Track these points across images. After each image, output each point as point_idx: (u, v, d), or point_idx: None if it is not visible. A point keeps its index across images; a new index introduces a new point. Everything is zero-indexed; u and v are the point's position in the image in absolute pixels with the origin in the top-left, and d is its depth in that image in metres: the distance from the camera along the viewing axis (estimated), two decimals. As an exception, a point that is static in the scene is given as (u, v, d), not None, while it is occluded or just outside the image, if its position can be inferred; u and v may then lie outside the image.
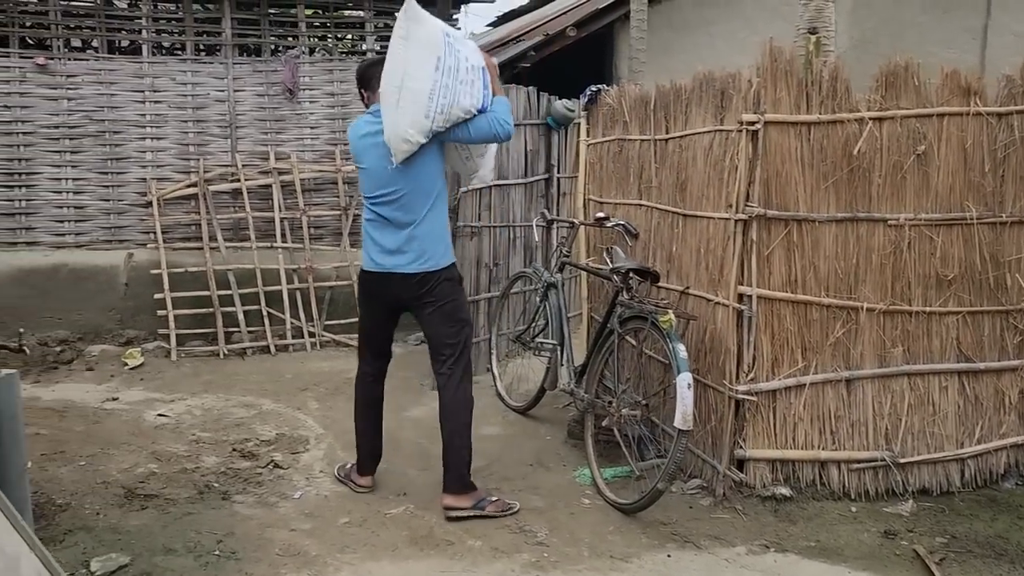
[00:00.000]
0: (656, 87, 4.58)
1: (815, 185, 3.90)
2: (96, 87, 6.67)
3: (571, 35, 7.03)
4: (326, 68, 7.09)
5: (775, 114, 3.79)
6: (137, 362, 6.19)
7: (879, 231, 4.00)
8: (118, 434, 4.80)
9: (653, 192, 4.60)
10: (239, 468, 4.38)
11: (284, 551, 3.50)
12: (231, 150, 6.89)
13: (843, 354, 4.03)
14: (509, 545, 3.58)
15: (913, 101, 3.98)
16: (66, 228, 6.72)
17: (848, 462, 4.02)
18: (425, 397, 5.62)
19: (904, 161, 3.97)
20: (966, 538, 3.69)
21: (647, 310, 3.91)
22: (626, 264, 4.15)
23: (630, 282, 4.17)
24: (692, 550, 3.57)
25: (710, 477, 4.08)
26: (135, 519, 3.78)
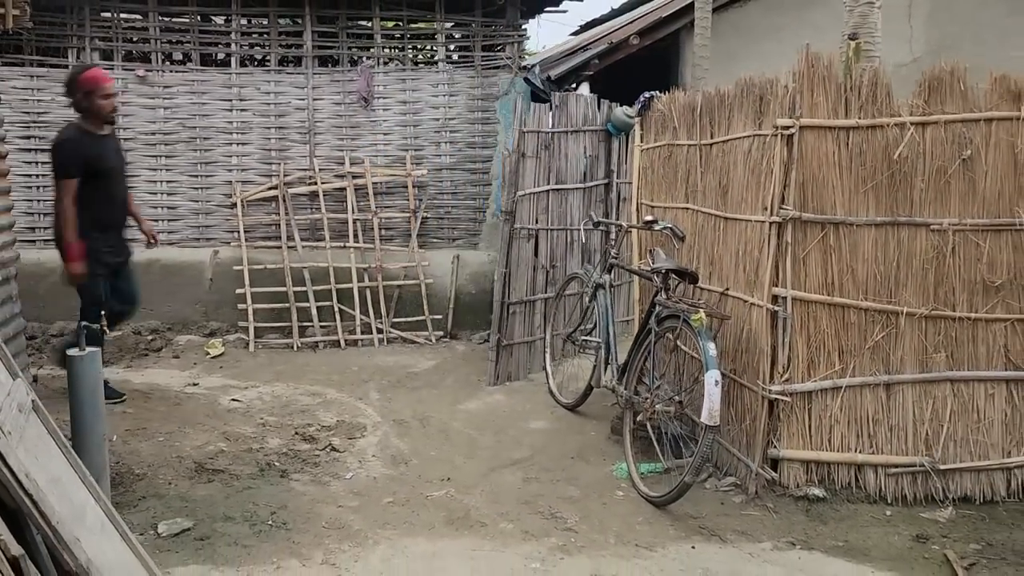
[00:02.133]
0: (702, 93, 4.69)
1: (853, 189, 3.94)
2: (189, 96, 7.19)
3: (634, 43, 7.15)
4: (399, 78, 7.43)
5: (811, 119, 3.85)
6: (218, 352, 6.65)
7: (921, 236, 4.00)
8: (195, 415, 5.20)
9: (698, 196, 4.70)
10: (299, 450, 4.69)
11: (330, 524, 3.77)
12: (309, 155, 7.30)
13: (882, 358, 4.04)
14: (539, 529, 3.76)
15: (959, 106, 3.97)
16: (160, 227, 7.21)
17: (885, 466, 4.02)
18: (481, 392, 5.86)
19: (948, 166, 3.96)
20: (1002, 546, 3.65)
21: (681, 309, 4.03)
22: (665, 265, 4.27)
23: (669, 282, 4.29)
24: (717, 543, 3.66)
25: (743, 475, 4.15)
26: (202, 490, 4.13)
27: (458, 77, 7.46)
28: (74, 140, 4.88)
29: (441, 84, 7.44)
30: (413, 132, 7.44)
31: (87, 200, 4.86)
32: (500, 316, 5.94)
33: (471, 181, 7.55)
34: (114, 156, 5.13)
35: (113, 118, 5.10)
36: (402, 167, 7.36)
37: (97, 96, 4.87)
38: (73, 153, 4.84)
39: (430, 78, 7.46)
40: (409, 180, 7.34)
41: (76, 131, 4.94)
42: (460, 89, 7.45)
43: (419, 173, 7.37)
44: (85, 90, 4.88)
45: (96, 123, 4.96)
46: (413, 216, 7.34)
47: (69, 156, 4.84)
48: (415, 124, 7.44)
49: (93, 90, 4.88)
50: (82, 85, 4.90)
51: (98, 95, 4.88)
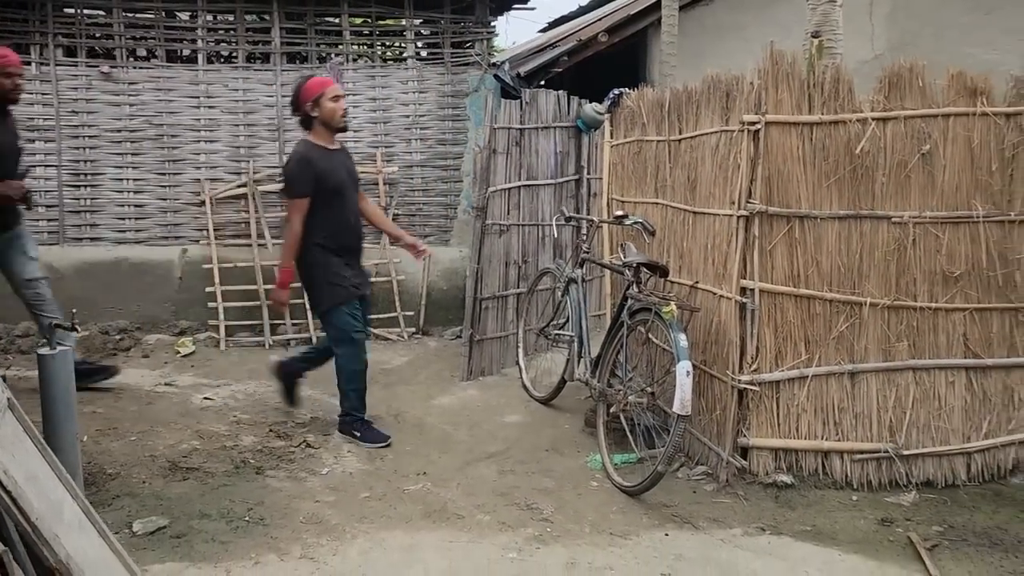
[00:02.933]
0: (671, 90, 4.77)
1: (817, 183, 4.04)
2: (155, 93, 7.12)
3: (602, 40, 7.23)
4: (368, 74, 7.43)
5: (776, 115, 3.94)
6: (189, 350, 6.60)
7: (883, 228, 4.11)
8: (167, 414, 5.18)
9: (667, 191, 4.78)
10: (274, 447, 4.69)
11: (307, 519, 3.79)
12: (279, 152, 7.27)
13: (847, 347, 4.15)
14: (515, 520, 3.81)
15: (918, 102, 4.09)
16: (127, 225, 7.17)
17: (851, 452, 4.14)
18: (454, 387, 5.89)
19: (908, 160, 4.08)
20: (963, 528, 3.78)
21: (652, 302, 4.10)
22: (636, 259, 4.35)
23: (640, 276, 4.37)
24: (690, 530, 3.74)
25: (714, 464, 4.24)
26: (176, 488, 4.12)
27: (428, 74, 7.47)
28: (303, 156, 4.50)
29: (411, 81, 7.45)
30: (383, 129, 7.44)
31: (321, 222, 4.50)
32: (473, 312, 5.98)
33: (442, 178, 7.57)
34: (345, 173, 4.69)
35: (345, 124, 4.69)
36: (373, 164, 7.36)
37: (327, 99, 4.47)
38: (302, 170, 4.45)
39: (400, 75, 7.46)
40: (380, 177, 7.34)
41: (305, 146, 4.55)
42: (430, 86, 7.47)
43: (390, 170, 7.38)
44: (313, 98, 4.48)
45: (327, 135, 4.58)
46: (384, 213, 7.33)
47: (297, 173, 4.46)
48: (385, 121, 7.44)
49: (321, 94, 4.48)
50: (307, 94, 4.50)
51: (327, 97, 4.48)
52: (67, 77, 6.97)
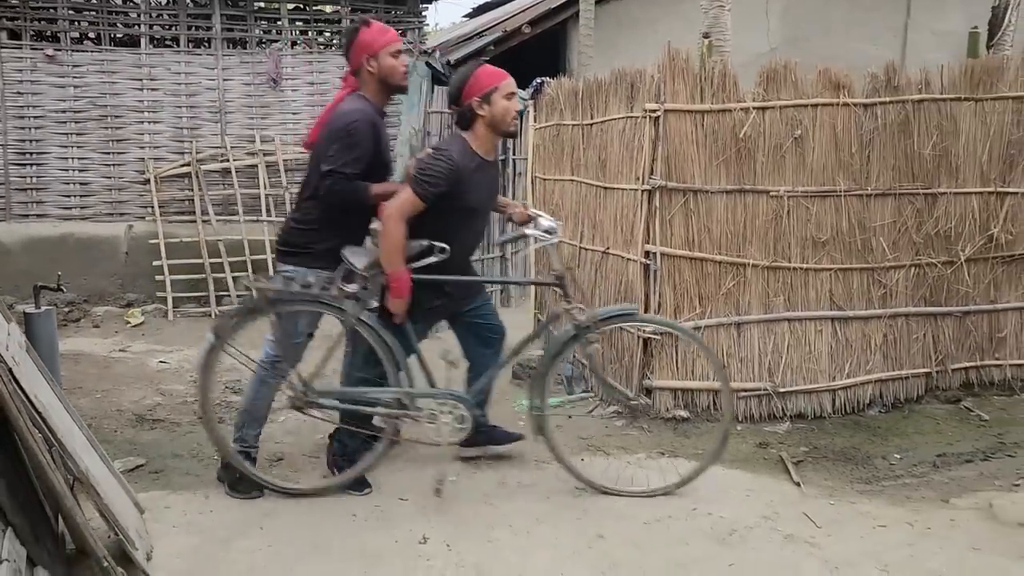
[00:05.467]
0: (584, 80, 5.41)
1: (708, 162, 4.73)
2: (99, 76, 7.39)
3: (526, 32, 7.83)
4: (307, 60, 7.84)
5: (673, 104, 4.61)
6: (138, 321, 6.96)
7: (763, 201, 4.83)
8: (127, 376, 5.58)
9: (581, 169, 5.43)
10: (231, 401, 5.16)
11: (270, 456, 4.31)
12: (221, 133, 7.64)
13: (734, 302, 4.87)
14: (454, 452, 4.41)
15: (792, 94, 4.82)
16: (72, 203, 7.44)
17: (737, 391, 4.86)
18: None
19: (784, 143, 4.81)
20: (825, 448, 4.55)
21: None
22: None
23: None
24: (602, 456, 4.41)
25: (623, 404, 4.92)
26: (147, 435, 4.58)
27: (363, 60, 7.91)
28: (452, 161, 3.55)
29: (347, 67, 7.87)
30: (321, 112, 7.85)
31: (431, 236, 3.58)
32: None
33: (377, 158, 8.04)
34: (487, 194, 3.84)
35: (515, 130, 3.85)
36: (311, 145, 7.79)
37: (500, 95, 3.61)
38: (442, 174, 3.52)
39: (336, 61, 7.89)
40: (318, 157, 7.77)
41: (460, 148, 3.63)
42: (365, 72, 7.91)
43: (328, 151, 7.81)
44: (484, 93, 3.59)
45: (490, 141, 3.71)
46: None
47: (435, 174, 3.52)
48: (323, 104, 7.82)
49: (494, 89, 3.61)
50: (477, 86, 3.59)
51: (501, 94, 3.61)
52: (12, 60, 7.19)
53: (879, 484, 4.09)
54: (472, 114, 3.61)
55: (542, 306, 6.43)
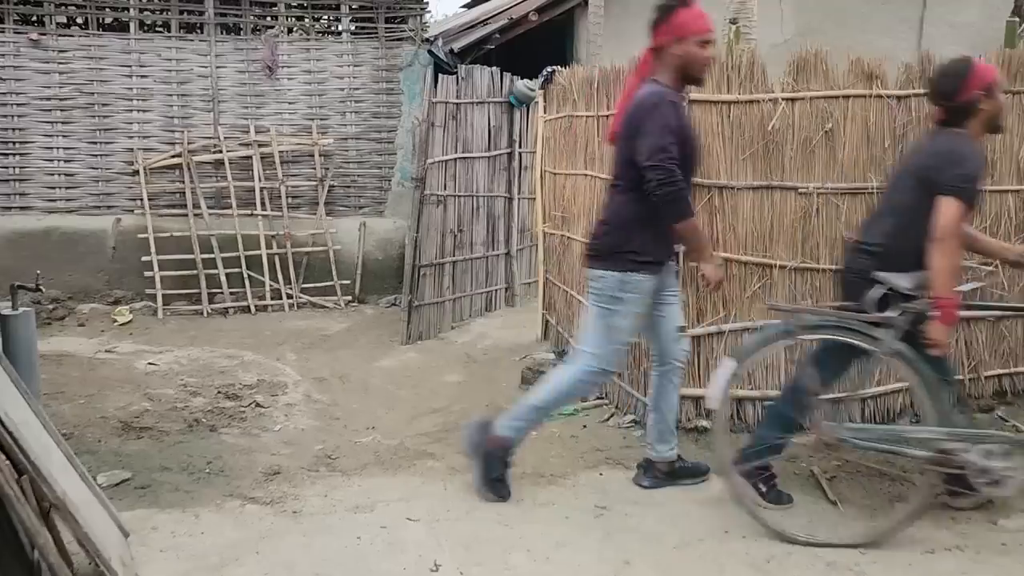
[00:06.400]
0: (599, 69, 5.11)
1: (734, 157, 4.44)
2: (86, 62, 7.06)
3: (533, 19, 7.53)
4: (303, 47, 7.53)
5: (699, 93, 4.32)
6: (126, 319, 6.65)
7: (791, 198, 4.54)
8: (112, 379, 5.28)
9: (596, 163, 5.14)
10: (224, 407, 4.88)
11: (266, 470, 4.02)
12: (214, 123, 7.32)
13: (759, 305, 4.59)
14: (463, 466, 4.11)
15: (822, 84, 4.53)
16: (57, 194, 7.12)
17: (762, 400, 4.59)
18: (394, 351, 6.16)
19: (813, 137, 4.52)
20: (857, 462, 4.28)
21: None
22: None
23: None
24: (621, 470, 4.13)
25: (642, 413, 4.64)
26: (133, 446, 4.28)
27: (362, 48, 7.62)
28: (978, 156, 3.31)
29: (346, 55, 7.58)
30: (319, 102, 7.57)
31: None
32: (412, 278, 6.24)
33: (376, 150, 7.75)
34: None
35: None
36: (308, 136, 7.49)
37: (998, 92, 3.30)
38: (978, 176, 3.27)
39: (335, 48, 7.59)
40: (315, 149, 7.48)
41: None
42: (364, 60, 7.62)
43: (325, 142, 7.52)
44: (984, 86, 3.27)
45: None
46: (320, 184, 7.49)
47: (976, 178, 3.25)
48: (320, 94, 7.57)
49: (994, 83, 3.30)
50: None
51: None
52: (-7, 44, 6.86)
53: (921, 503, 3.81)
54: (972, 109, 3.31)
55: (551, 306, 6.14)
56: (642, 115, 3.28)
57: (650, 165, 3.22)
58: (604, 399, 5.04)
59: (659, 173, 3.22)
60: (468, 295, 6.75)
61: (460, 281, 6.66)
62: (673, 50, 3.35)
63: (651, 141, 3.21)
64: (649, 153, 3.21)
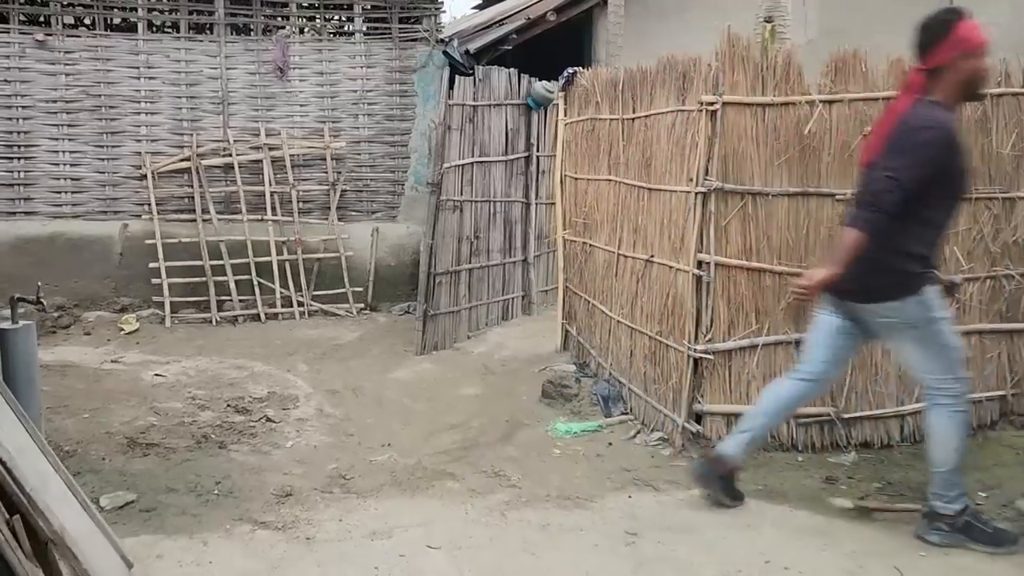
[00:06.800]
0: (624, 70, 4.90)
1: (769, 161, 4.23)
2: (93, 63, 6.90)
3: (551, 19, 7.33)
4: (315, 48, 7.35)
5: (732, 95, 4.11)
6: (133, 328, 6.47)
7: (828, 205, 4.33)
8: (118, 391, 5.10)
9: (621, 168, 4.93)
10: (234, 422, 4.69)
11: (278, 491, 3.82)
12: (223, 126, 7.15)
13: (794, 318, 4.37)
14: (484, 487, 3.92)
15: (861, 86, 4.31)
16: (63, 199, 6.97)
17: (796, 417, 4.36)
18: (408, 361, 5.96)
19: (852, 141, 4.30)
20: (900, 484, 4.05)
21: None
22: None
23: None
24: (651, 492, 3.92)
25: (670, 430, 4.43)
26: (138, 464, 4.09)
27: (375, 49, 7.43)
28: None
29: (358, 56, 7.40)
30: (331, 104, 7.39)
31: None
32: (427, 286, 6.04)
33: (390, 154, 7.56)
34: None
35: None
36: (320, 139, 7.31)
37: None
38: None
39: (347, 49, 7.40)
40: (327, 152, 7.29)
41: None
42: (378, 61, 7.43)
43: (337, 145, 7.34)
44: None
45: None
46: (332, 189, 7.31)
47: None
48: (332, 96, 7.39)
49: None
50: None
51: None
52: (-1, 45, 6.70)
53: (972, 530, 3.58)
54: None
55: (571, 316, 5.94)
56: (907, 136, 3.09)
57: (890, 177, 3.04)
58: (629, 414, 4.83)
59: (890, 191, 3.04)
60: (484, 303, 6.55)
61: (476, 289, 6.46)
62: (958, 66, 3.10)
63: (906, 162, 3.03)
64: (898, 170, 3.03)
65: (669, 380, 4.48)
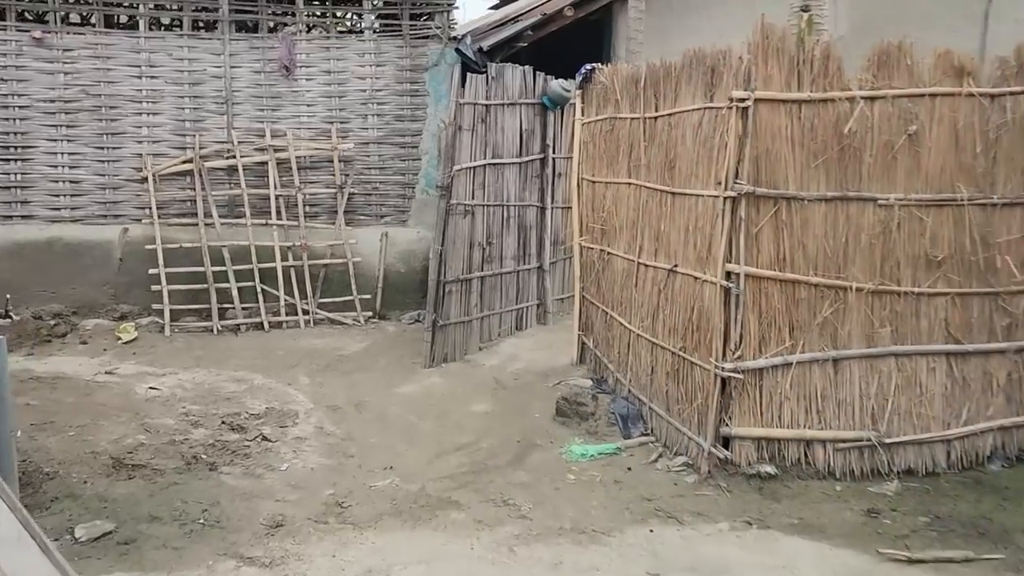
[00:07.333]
0: (647, 65, 4.57)
1: (805, 163, 3.89)
2: (93, 62, 6.67)
3: (568, 15, 7.00)
4: (323, 46, 7.07)
5: (766, 91, 3.77)
6: (131, 337, 6.21)
7: (869, 211, 3.99)
8: (108, 406, 4.83)
9: (642, 170, 4.60)
10: (227, 441, 4.40)
11: (268, 521, 3.52)
12: (227, 127, 6.89)
13: (831, 334, 4.03)
14: (492, 518, 3.60)
15: (906, 81, 3.97)
16: (61, 202, 6.74)
17: (834, 441, 4.03)
18: (416, 374, 5.64)
19: (895, 141, 3.96)
20: (949, 518, 3.69)
21: None
22: None
23: None
24: (675, 525, 3.58)
25: (695, 455, 4.09)
26: (122, 488, 3.81)
27: (385, 47, 7.14)
28: None
29: (368, 54, 7.11)
30: (338, 104, 7.10)
31: None
32: (436, 295, 5.73)
33: (400, 156, 7.27)
34: None
35: None
36: (327, 140, 7.03)
37: None
38: None
39: (356, 47, 7.12)
40: (335, 154, 7.01)
41: None
42: (388, 59, 7.14)
43: (345, 147, 7.05)
44: None
45: None
46: (339, 192, 7.03)
47: None
48: (340, 95, 7.10)
49: None
50: None
51: None
52: (-6, 42, 6.48)
53: (1035, 575, 3.22)
54: None
55: (588, 328, 5.60)
56: None
57: None
58: (649, 435, 4.49)
59: None
60: (497, 313, 6.24)
61: (488, 298, 6.14)
62: None
63: None
64: None
65: (694, 400, 4.14)
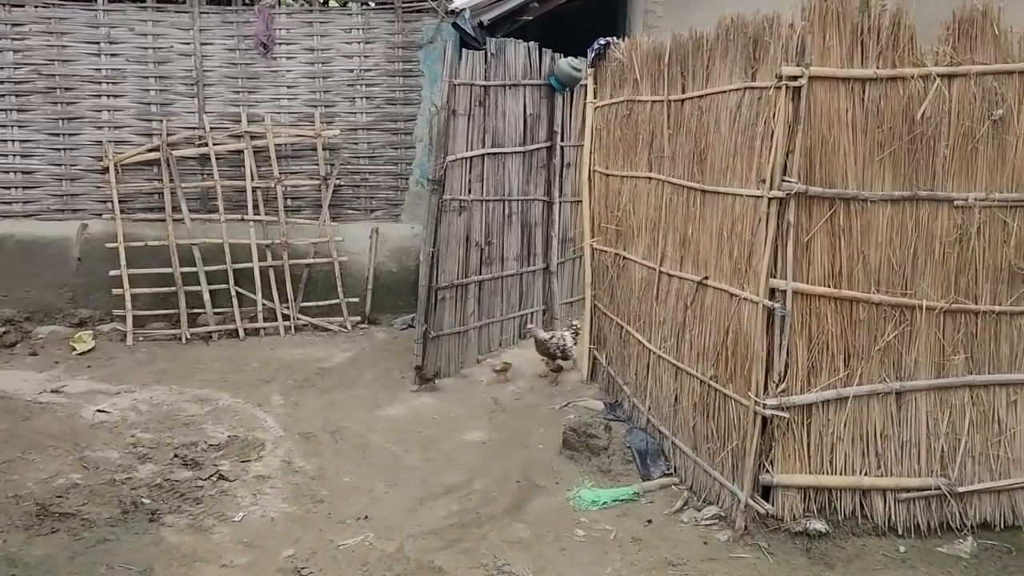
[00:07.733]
0: (672, 38, 3.88)
1: (868, 156, 3.25)
2: (45, 38, 6.12)
3: (578, -14, 6.31)
4: (305, 21, 6.43)
5: (823, 67, 3.10)
6: (87, 346, 5.61)
7: (943, 213, 3.36)
8: (45, 434, 4.23)
9: (665, 163, 3.95)
10: (177, 480, 3.78)
11: (209, 593, 2.88)
12: (198, 111, 6.29)
13: (894, 362, 3.41)
14: (484, 592, 2.95)
15: (991, 55, 3.31)
16: (12, 195, 6.21)
17: (896, 490, 3.42)
18: (404, 393, 4.99)
19: (977, 128, 3.30)
20: (1042, 590, 3.03)
21: None
22: None
23: None
24: (706, 601, 2.92)
25: (729, 506, 3.44)
26: (39, 547, 3.23)
27: (375, 22, 6.47)
28: None
29: (355, 29, 6.44)
30: (323, 85, 6.45)
31: None
32: (427, 303, 5.07)
33: (391, 143, 6.62)
34: None
35: None
36: (310, 126, 6.41)
37: None
38: None
39: (342, 22, 6.46)
40: (319, 141, 6.38)
41: None
42: (377, 36, 6.47)
43: (330, 133, 6.41)
44: None
45: None
46: (324, 183, 6.40)
47: None
48: (325, 76, 6.45)
49: None
50: None
51: None
52: (-66, 17, 5.87)
53: None
54: None
55: (600, 341, 4.93)
56: None
57: None
58: (672, 476, 3.83)
59: None
60: (498, 320, 5.59)
61: (488, 304, 5.49)
62: None
63: None
64: None
65: (728, 440, 3.49)
